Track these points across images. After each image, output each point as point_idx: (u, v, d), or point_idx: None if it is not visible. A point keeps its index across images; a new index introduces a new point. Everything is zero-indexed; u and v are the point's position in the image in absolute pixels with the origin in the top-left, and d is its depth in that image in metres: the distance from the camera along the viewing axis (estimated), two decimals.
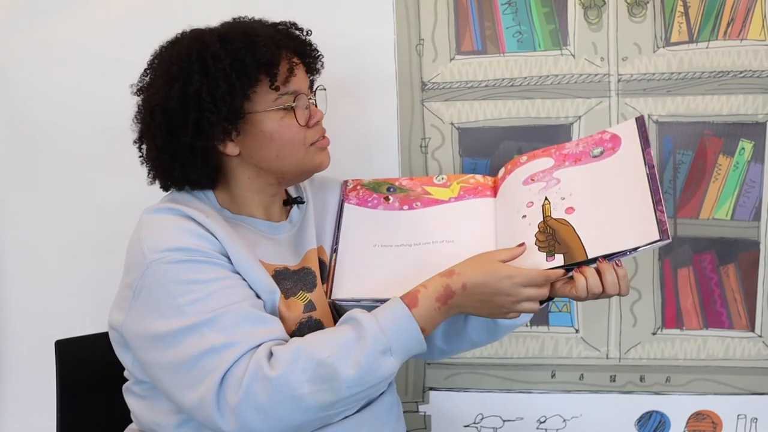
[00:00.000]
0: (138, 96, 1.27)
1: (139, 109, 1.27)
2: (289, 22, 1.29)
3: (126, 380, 1.31)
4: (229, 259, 1.19)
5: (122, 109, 1.71)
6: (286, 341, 1.15)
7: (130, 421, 1.32)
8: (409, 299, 1.16)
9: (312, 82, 1.33)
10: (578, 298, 1.19)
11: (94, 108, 1.74)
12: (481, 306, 1.18)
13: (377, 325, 1.12)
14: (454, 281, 1.17)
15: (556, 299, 1.34)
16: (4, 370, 1.81)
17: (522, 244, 1.23)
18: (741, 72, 1.63)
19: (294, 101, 1.23)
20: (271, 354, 1.11)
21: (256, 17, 1.30)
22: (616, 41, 1.65)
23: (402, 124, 1.70)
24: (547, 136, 1.66)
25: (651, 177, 1.22)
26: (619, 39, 1.65)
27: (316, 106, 1.29)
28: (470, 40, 1.69)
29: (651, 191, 1.21)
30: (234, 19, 1.28)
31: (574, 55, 1.66)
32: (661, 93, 1.65)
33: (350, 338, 1.11)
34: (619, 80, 1.65)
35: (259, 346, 1.12)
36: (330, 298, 1.29)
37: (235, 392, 1.08)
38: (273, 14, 1.31)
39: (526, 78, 1.67)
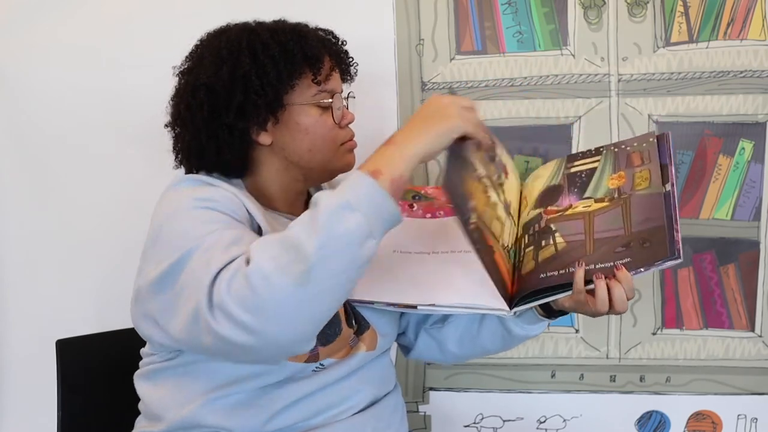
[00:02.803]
0: (180, 78, 1.28)
1: (177, 91, 1.28)
2: (327, 30, 1.32)
3: (130, 376, 1.31)
4: (258, 229, 1.19)
5: (122, 109, 1.74)
6: None
7: (132, 420, 1.32)
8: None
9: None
10: (587, 312, 1.19)
11: (94, 108, 1.74)
12: (422, 124, 1.13)
13: (329, 191, 1.08)
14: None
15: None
16: (4, 370, 1.81)
17: None
18: (741, 72, 1.63)
19: (331, 99, 1.27)
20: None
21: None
22: (616, 41, 1.65)
23: (402, 124, 1.70)
24: (547, 137, 1.66)
25: (672, 195, 1.20)
26: (619, 39, 1.65)
27: (347, 109, 1.33)
28: (470, 40, 1.69)
29: (672, 208, 1.18)
30: (275, 21, 1.30)
31: (574, 55, 1.66)
32: (661, 93, 1.65)
33: (307, 213, 1.07)
34: (619, 80, 1.65)
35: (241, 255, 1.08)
36: None
37: (218, 292, 1.03)
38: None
39: (526, 78, 1.67)
